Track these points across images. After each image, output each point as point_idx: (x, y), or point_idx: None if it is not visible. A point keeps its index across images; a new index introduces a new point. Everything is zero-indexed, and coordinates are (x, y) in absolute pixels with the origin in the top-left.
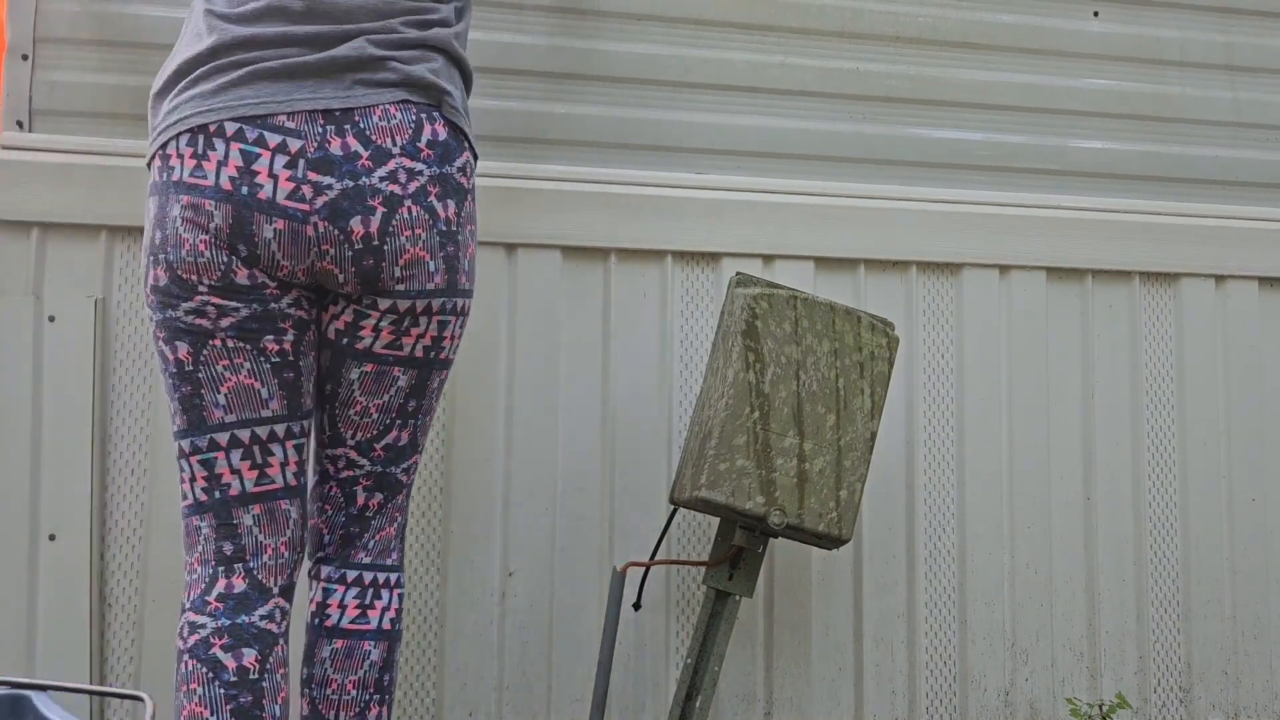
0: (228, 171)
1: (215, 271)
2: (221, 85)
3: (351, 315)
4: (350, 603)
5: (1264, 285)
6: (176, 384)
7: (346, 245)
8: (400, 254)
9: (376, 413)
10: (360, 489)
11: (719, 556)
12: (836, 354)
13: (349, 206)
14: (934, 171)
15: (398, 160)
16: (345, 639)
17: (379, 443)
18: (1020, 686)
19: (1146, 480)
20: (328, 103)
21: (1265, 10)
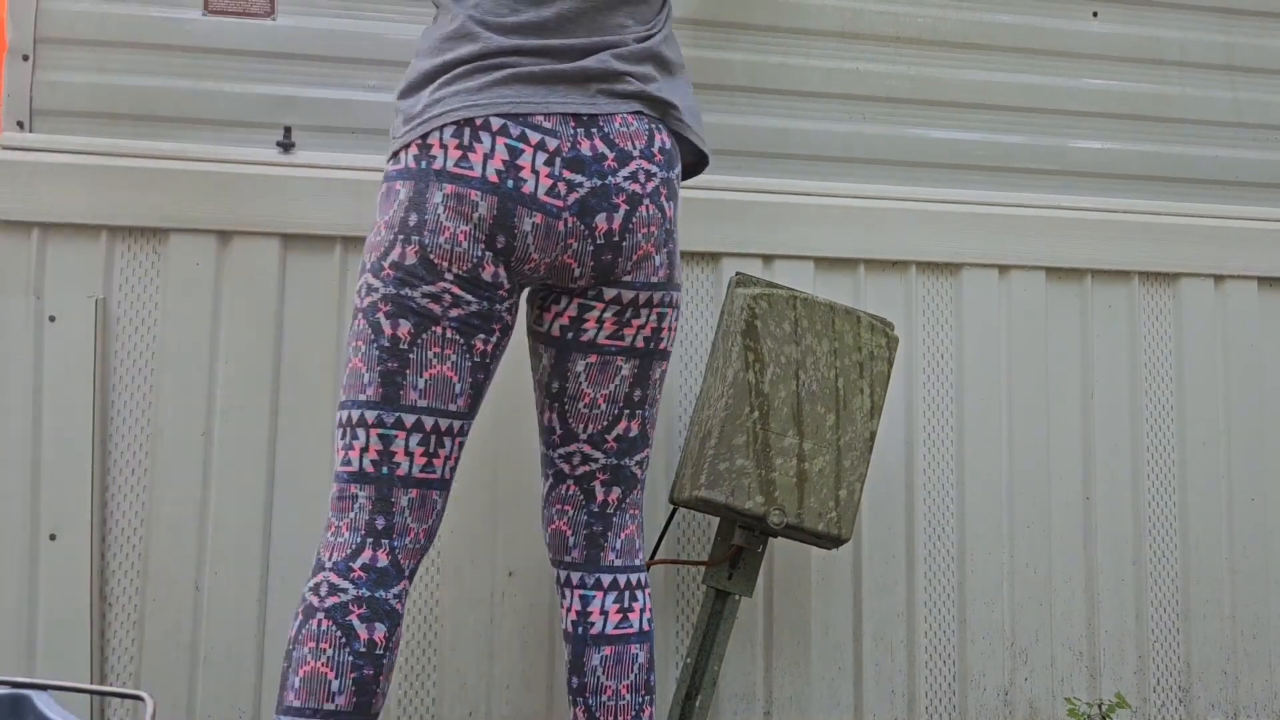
0: (494, 164)
1: (468, 262)
2: (485, 84)
3: (575, 310)
4: (611, 608)
5: (1264, 285)
6: (383, 358)
7: (589, 240)
8: (635, 249)
9: (604, 403)
10: (598, 484)
11: (719, 556)
12: (836, 354)
13: (596, 204)
14: (934, 171)
15: (638, 162)
16: (613, 645)
17: (610, 434)
18: (1020, 686)
19: (1146, 480)
20: (576, 107)
21: (1265, 10)
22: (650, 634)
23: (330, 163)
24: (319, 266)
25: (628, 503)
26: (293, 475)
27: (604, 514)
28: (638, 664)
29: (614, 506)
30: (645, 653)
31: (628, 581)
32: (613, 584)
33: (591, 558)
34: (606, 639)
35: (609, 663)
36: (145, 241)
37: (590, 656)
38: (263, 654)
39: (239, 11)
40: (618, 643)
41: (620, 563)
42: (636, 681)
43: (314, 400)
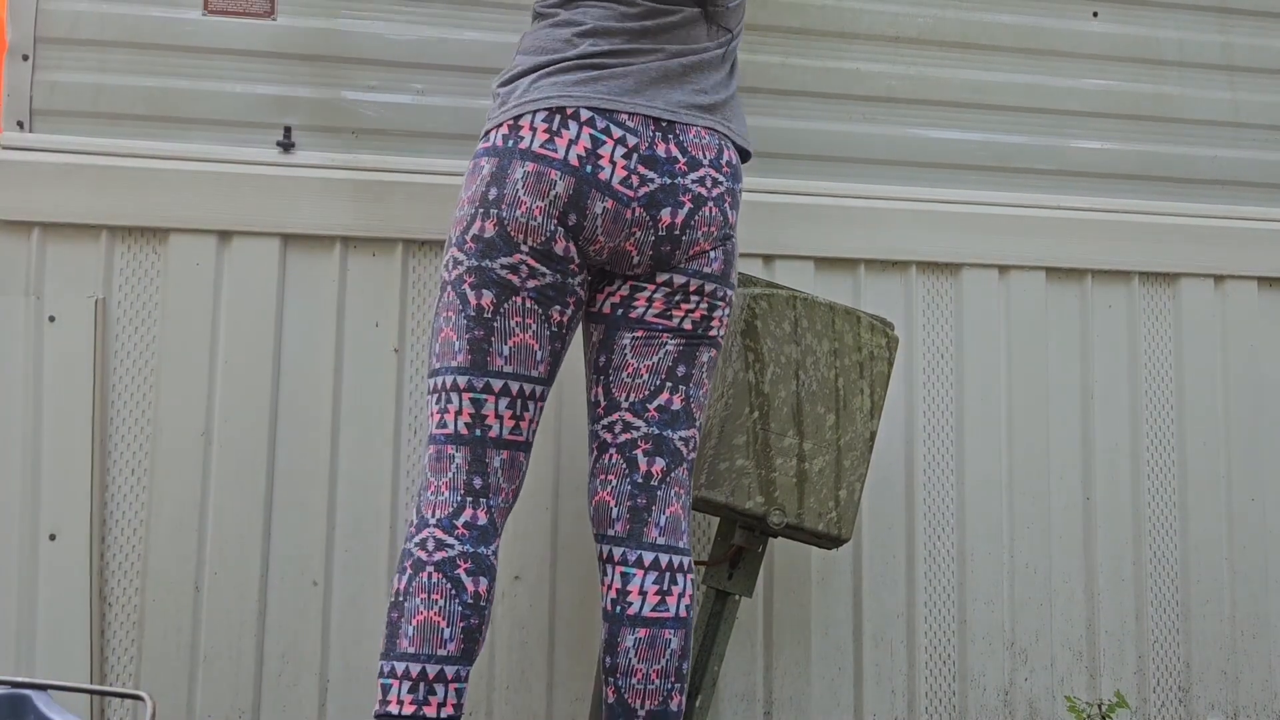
0: (577, 150)
1: (541, 236)
2: (581, 80)
3: (627, 290)
4: (650, 589)
5: (1263, 285)
6: (470, 326)
7: (652, 230)
8: (693, 245)
9: (647, 374)
10: (640, 453)
11: (719, 556)
12: (836, 354)
13: (664, 198)
14: (934, 171)
15: (706, 170)
16: (648, 628)
17: (651, 403)
18: (1019, 686)
19: (1145, 480)
20: (659, 113)
21: (1264, 10)
22: (688, 621)
23: (330, 163)
24: (319, 266)
25: (672, 478)
26: (292, 475)
27: (648, 485)
28: (670, 649)
29: (658, 479)
30: (680, 639)
31: (669, 563)
32: (654, 563)
33: (635, 532)
34: (643, 620)
35: (642, 645)
36: (145, 241)
37: (625, 637)
38: (262, 653)
39: (239, 11)
40: (653, 625)
41: (664, 541)
42: (668, 667)
43: (313, 400)
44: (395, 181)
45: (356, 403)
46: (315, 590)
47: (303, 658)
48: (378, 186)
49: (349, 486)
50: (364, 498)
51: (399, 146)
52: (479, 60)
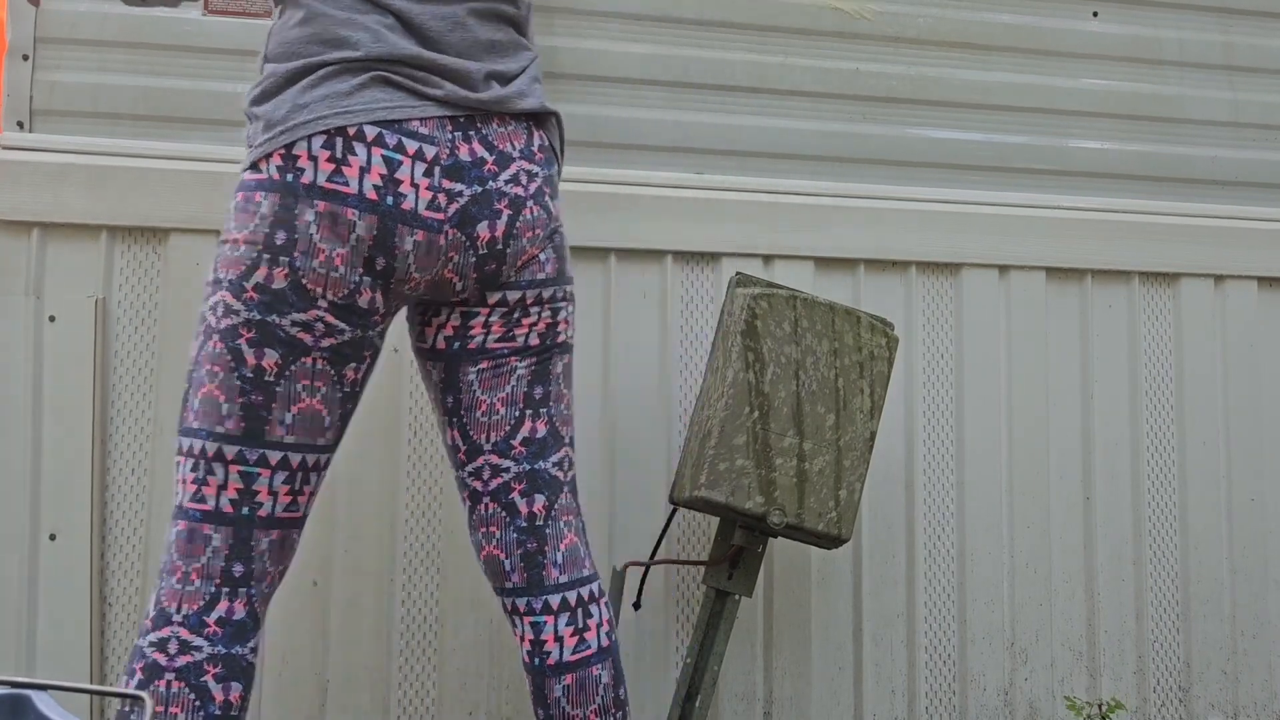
0: (371, 179)
1: (344, 289)
2: (356, 86)
3: (459, 319)
4: (565, 632)
5: (1263, 285)
6: (245, 389)
7: (471, 251)
8: (520, 255)
9: (503, 408)
10: (517, 495)
11: (719, 556)
12: (836, 354)
13: (477, 212)
14: (933, 171)
15: (519, 164)
16: (573, 672)
17: (515, 438)
18: (1019, 686)
19: (1146, 480)
20: (453, 109)
21: (1265, 10)
22: (611, 647)
23: None
24: None
25: (558, 509)
26: None
27: (534, 527)
28: (602, 685)
29: (542, 517)
30: (609, 670)
31: (578, 598)
32: (563, 604)
33: (534, 579)
34: (566, 667)
35: (572, 692)
36: (145, 241)
37: (551, 688)
38: (262, 653)
39: (239, 11)
40: (578, 668)
41: (566, 578)
42: (604, 704)
43: None
44: None
45: None
46: (315, 591)
47: (303, 658)
48: None
49: (348, 487)
50: (363, 498)
51: None
52: None
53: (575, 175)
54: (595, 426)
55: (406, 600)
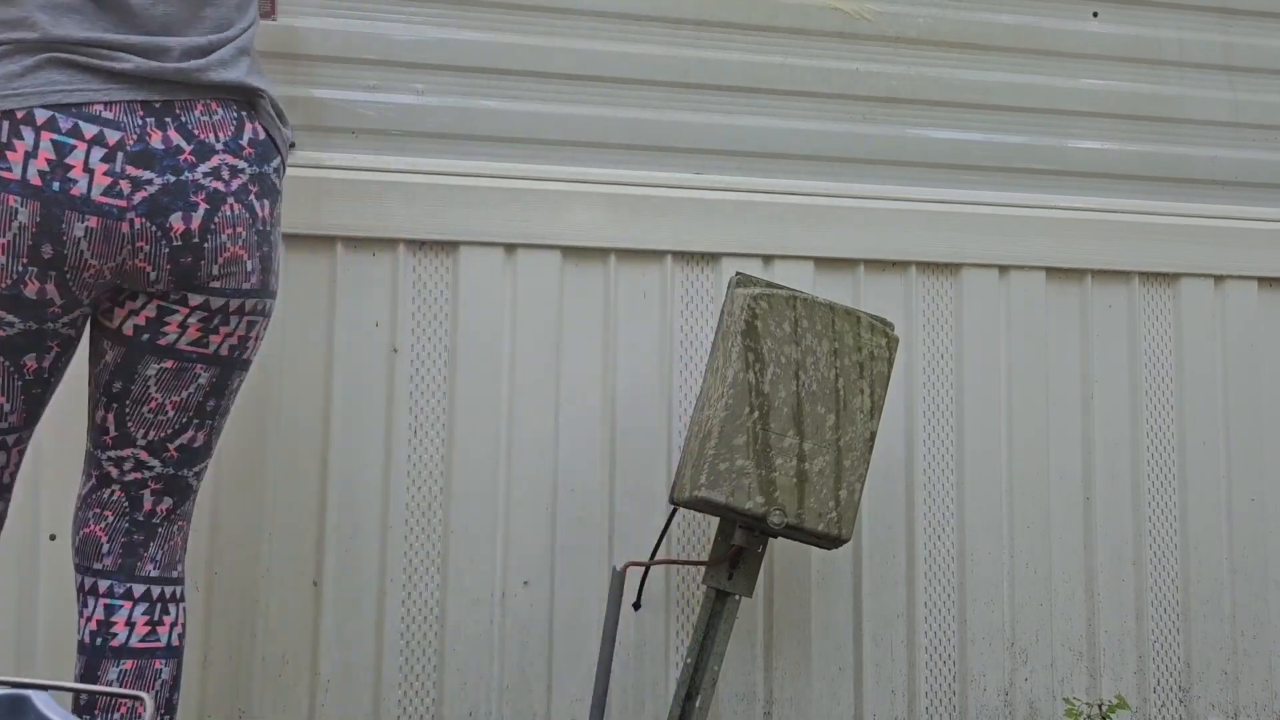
0: (36, 165)
1: (6, 279)
2: (29, 67)
3: (154, 311)
4: (139, 619)
5: (1263, 285)
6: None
7: (164, 242)
8: (220, 252)
9: (174, 410)
10: (148, 493)
11: (719, 556)
12: (836, 354)
13: (170, 202)
14: (933, 171)
15: (221, 157)
16: (135, 659)
17: (173, 443)
18: (1020, 686)
19: (1146, 480)
20: (147, 94)
21: (1265, 10)
22: (179, 651)
23: (329, 163)
24: (318, 266)
25: (178, 514)
26: (291, 475)
27: (149, 524)
28: (161, 680)
29: (162, 517)
30: (171, 669)
31: (161, 594)
32: (145, 595)
33: (127, 567)
34: (129, 651)
35: (129, 677)
36: None
37: (108, 670)
38: (263, 653)
39: None
40: (141, 656)
41: (158, 574)
42: (158, 698)
43: (312, 400)
44: (395, 181)
45: (356, 403)
46: (314, 591)
47: (302, 658)
48: (377, 186)
49: (348, 487)
50: (363, 498)
51: (398, 146)
52: (479, 60)
53: (575, 175)
54: (595, 426)
55: (406, 600)
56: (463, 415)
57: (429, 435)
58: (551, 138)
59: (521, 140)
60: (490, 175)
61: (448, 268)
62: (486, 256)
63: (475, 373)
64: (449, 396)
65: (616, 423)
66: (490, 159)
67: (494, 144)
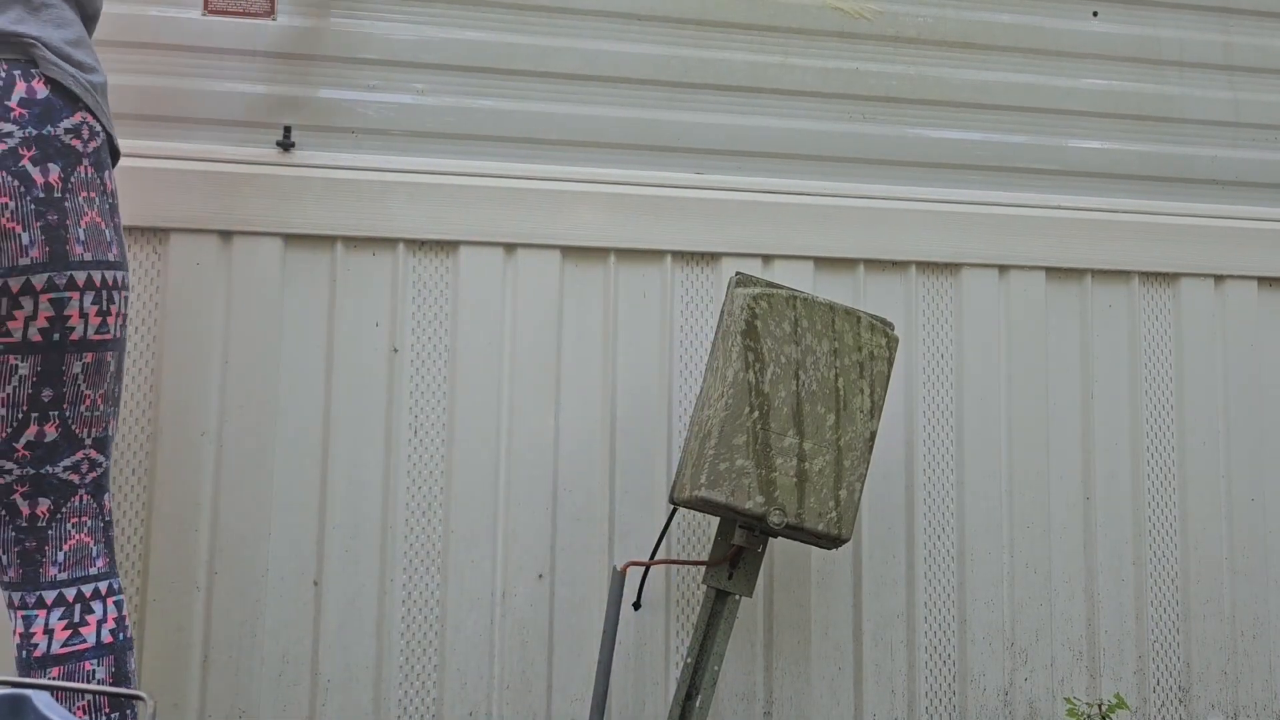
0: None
1: None
2: None
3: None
4: (56, 625)
5: (1263, 285)
6: None
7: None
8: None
9: (3, 408)
10: (19, 497)
11: (719, 556)
12: (836, 354)
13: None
14: (934, 171)
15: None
16: (61, 664)
17: (18, 441)
18: (1019, 686)
19: (1146, 480)
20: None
21: (1265, 10)
22: (117, 645)
23: (330, 163)
24: (319, 266)
25: (65, 513)
26: (292, 475)
27: (35, 528)
28: (95, 680)
29: (45, 519)
30: (107, 667)
31: (78, 594)
32: (58, 599)
33: (30, 576)
34: (53, 659)
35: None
36: (145, 241)
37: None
38: (263, 653)
39: (239, 11)
40: (67, 661)
41: (66, 576)
42: (95, 700)
43: (313, 399)
44: (395, 181)
45: (356, 402)
46: (315, 591)
47: (303, 658)
48: (378, 186)
49: (349, 486)
50: (364, 498)
51: (399, 146)
52: (479, 60)
53: (575, 175)
54: (595, 426)
55: (406, 600)
56: (463, 415)
57: (429, 435)
58: (551, 138)
59: (521, 140)
60: (490, 175)
61: (448, 268)
62: (486, 256)
63: (475, 373)
64: (449, 396)
65: (616, 423)
66: (490, 159)
67: (494, 144)
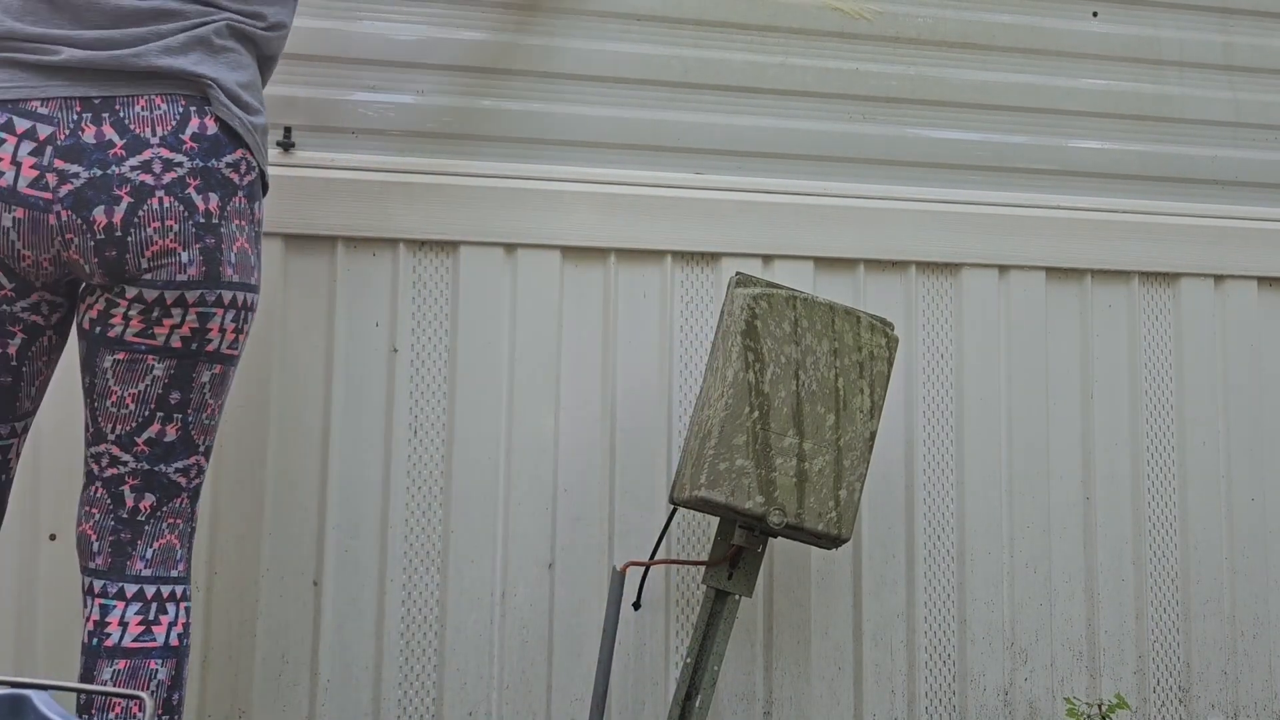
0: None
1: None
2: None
3: (103, 304)
4: (132, 619)
5: (1263, 285)
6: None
7: (89, 235)
8: (147, 246)
9: (133, 403)
10: (127, 489)
11: (719, 556)
12: (836, 354)
13: (94, 196)
14: (933, 171)
15: (155, 150)
16: (129, 659)
17: (140, 436)
18: (1019, 686)
19: (1146, 480)
20: (86, 89)
21: (1265, 10)
22: (180, 650)
23: (330, 163)
24: (319, 266)
25: (164, 511)
26: (291, 475)
27: (134, 521)
28: (156, 680)
29: (146, 514)
30: (169, 669)
31: (157, 593)
32: (138, 594)
33: (117, 566)
34: (122, 652)
35: (121, 677)
36: None
37: (102, 670)
38: (263, 653)
39: None
40: (135, 656)
41: (150, 573)
42: (156, 698)
43: (313, 399)
44: (395, 181)
45: (356, 402)
46: (314, 591)
47: (302, 658)
48: (378, 186)
49: (349, 486)
50: (364, 498)
51: (399, 146)
52: (479, 60)
53: (575, 175)
54: (595, 426)
55: (406, 600)
56: (463, 415)
57: (429, 435)
58: (551, 138)
59: (521, 140)
60: (490, 175)
61: (448, 268)
62: (486, 256)
63: (475, 373)
64: (449, 396)
65: (616, 423)
66: (490, 159)
67: (494, 144)
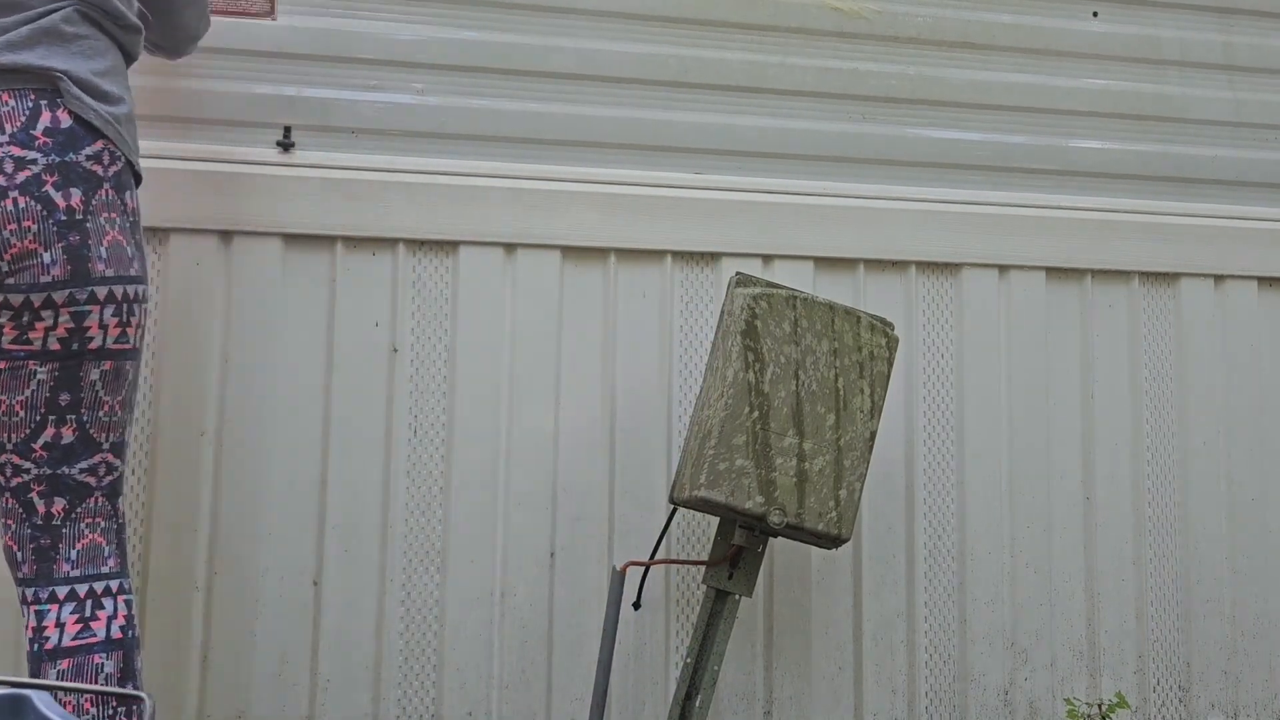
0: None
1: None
2: None
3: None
4: (68, 619)
5: (1264, 285)
6: None
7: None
8: (5, 248)
9: (23, 410)
10: (35, 495)
11: (719, 556)
12: (836, 354)
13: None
14: (933, 171)
15: (4, 149)
16: (70, 657)
17: (35, 442)
18: (1020, 686)
19: (1146, 480)
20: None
21: (1265, 10)
22: (125, 642)
23: (330, 163)
24: (319, 266)
25: (80, 513)
26: (291, 475)
27: (50, 526)
28: (104, 674)
29: (61, 518)
30: (116, 662)
31: (90, 590)
32: (70, 595)
33: (44, 572)
34: (63, 651)
35: (67, 676)
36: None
37: (46, 672)
38: (262, 653)
39: (239, 11)
40: (77, 654)
41: (79, 573)
42: (104, 695)
43: (313, 399)
44: (395, 181)
45: (356, 402)
46: (314, 591)
47: (302, 658)
48: (377, 186)
49: (349, 486)
50: (364, 497)
51: (399, 146)
52: (479, 60)
53: (575, 175)
54: (595, 426)
55: (406, 600)
56: (462, 415)
57: (428, 435)
58: (551, 137)
59: (521, 140)
60: (490, 175)
61: (448, 267)
62: (486, 256)
63: (475, 372)
64: (449, 396)
65: (616, 423)
66: (490, 159)
67: (494, 144)
